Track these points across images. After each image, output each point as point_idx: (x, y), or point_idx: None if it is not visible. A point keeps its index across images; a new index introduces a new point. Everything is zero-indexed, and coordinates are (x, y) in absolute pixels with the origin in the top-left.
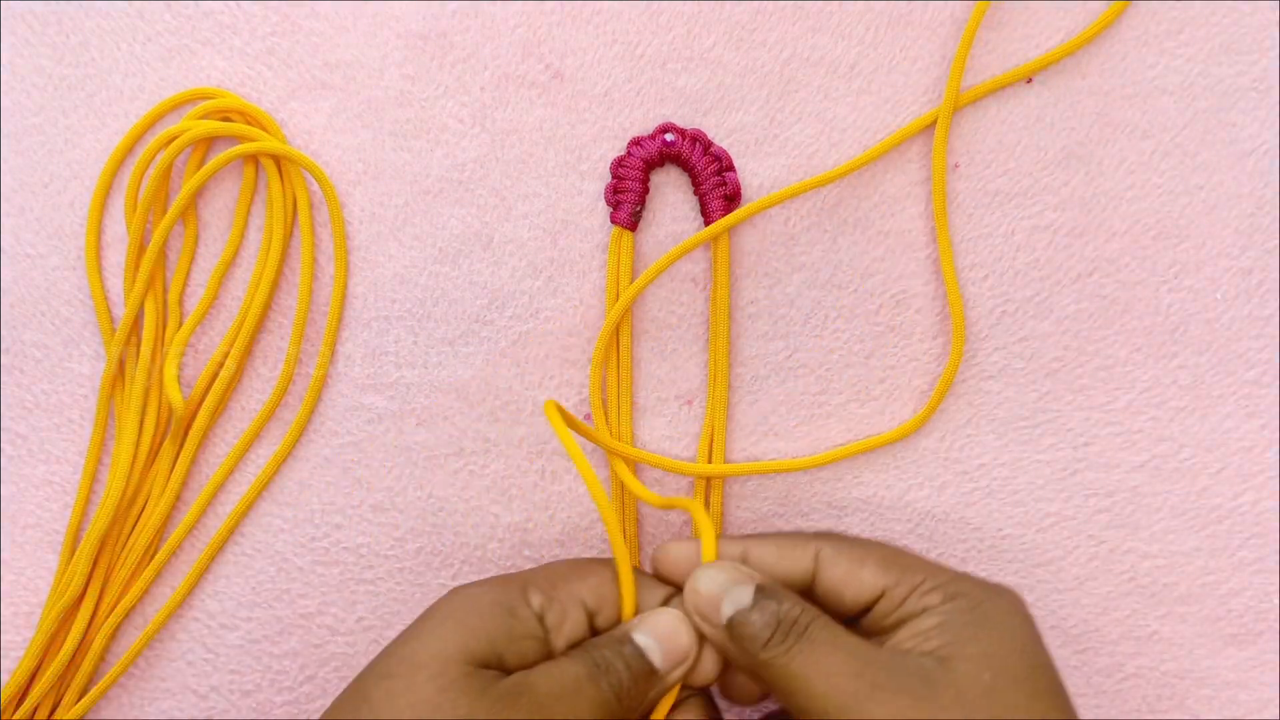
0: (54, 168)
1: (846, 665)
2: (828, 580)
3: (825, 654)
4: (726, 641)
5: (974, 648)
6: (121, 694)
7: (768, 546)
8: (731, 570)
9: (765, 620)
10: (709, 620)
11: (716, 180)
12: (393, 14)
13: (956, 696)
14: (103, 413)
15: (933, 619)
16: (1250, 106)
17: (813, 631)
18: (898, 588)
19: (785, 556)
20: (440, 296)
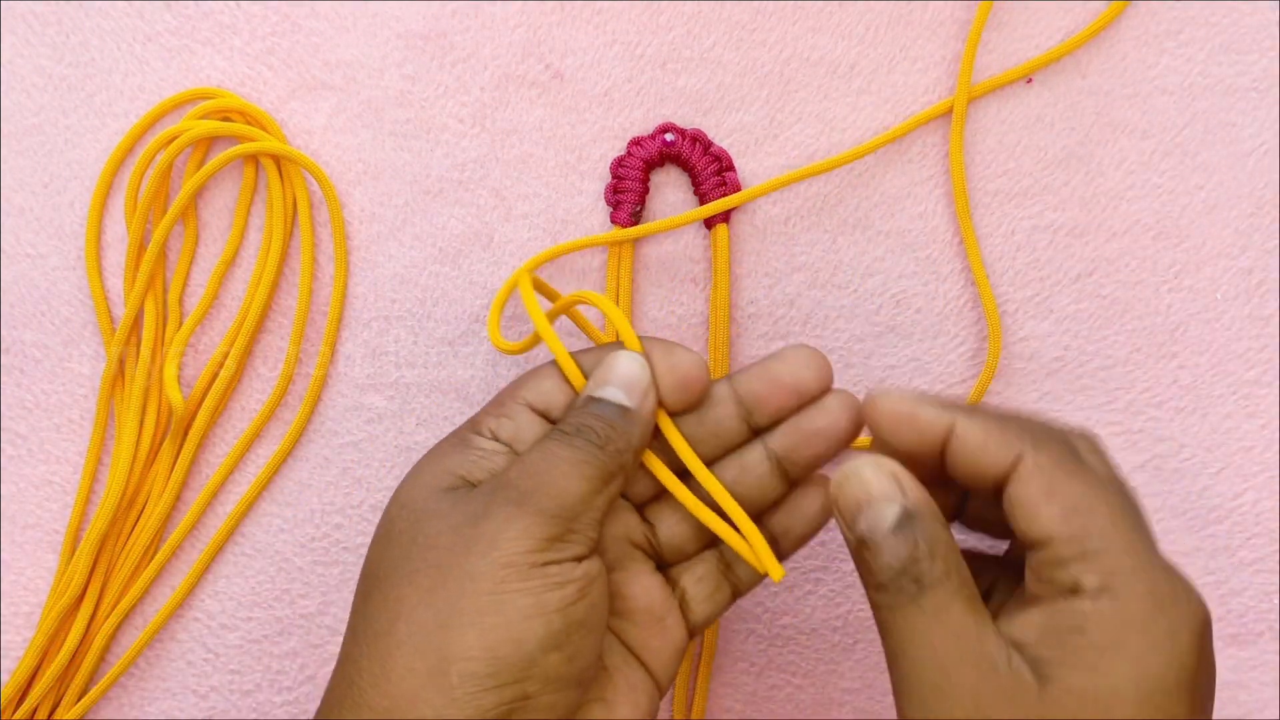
0: (54, 168)
1: (944, 644)
2: (1019, 490)
3: (930, 624)
4: (855, 552)
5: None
6: (121, 694)
7: (974, 429)
8: (888, 480)
9: (893, 558)
10: (848, 523)
11: (716, 180)
12: (393, 14)
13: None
14: (103, 413)
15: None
16: (1250, 106)
17: (929, 595)
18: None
19: (987, 450)
20: (440, 296)
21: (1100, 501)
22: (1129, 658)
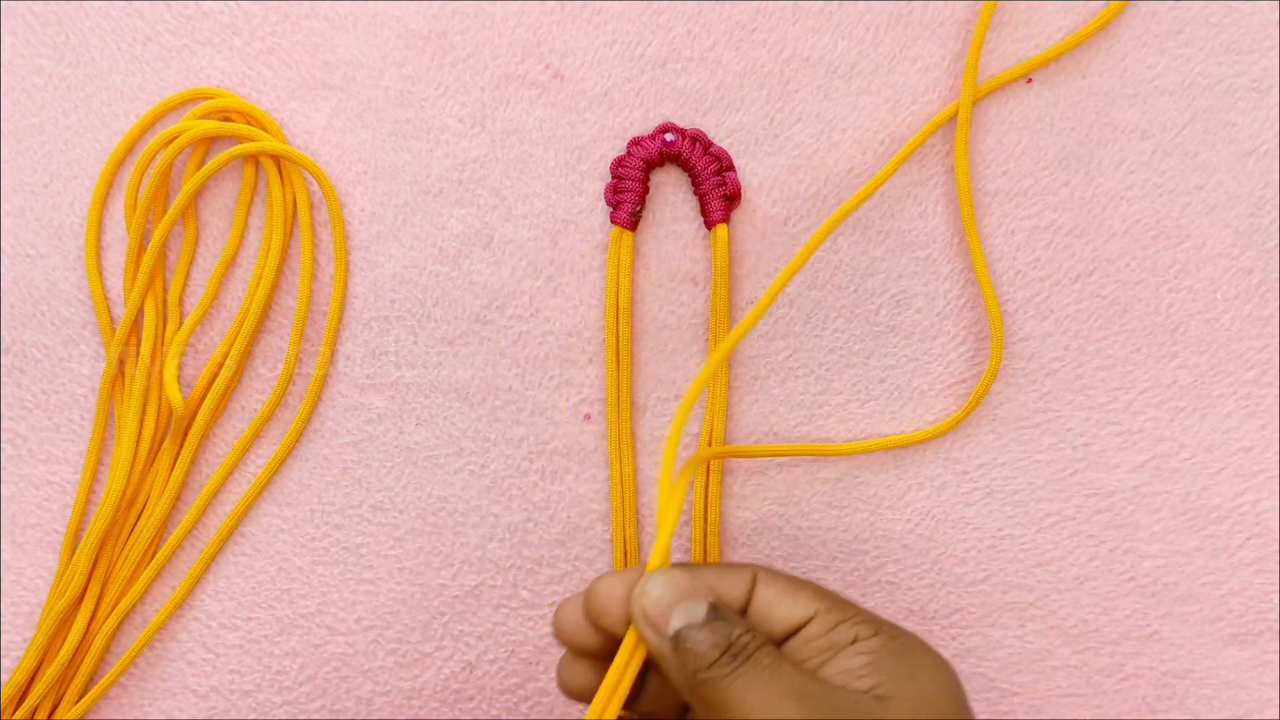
0: (54, 168)
1: (789, 692)
2: (762, 599)
3: (768, 680)
4: (669, 653)
5: (909, 689)
6: (121, 694)
7: (705, 569)
8: (687, 581)
9: (715, 640)
10: (656, 628)
11: (716, 180)
12: (393, 14)
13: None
14: (103, 413)
15: (864, 654)
16: (1250, 106)
17: (759, 657)
18: (830, 613)
19: (724, 578)
20: (440, 296)
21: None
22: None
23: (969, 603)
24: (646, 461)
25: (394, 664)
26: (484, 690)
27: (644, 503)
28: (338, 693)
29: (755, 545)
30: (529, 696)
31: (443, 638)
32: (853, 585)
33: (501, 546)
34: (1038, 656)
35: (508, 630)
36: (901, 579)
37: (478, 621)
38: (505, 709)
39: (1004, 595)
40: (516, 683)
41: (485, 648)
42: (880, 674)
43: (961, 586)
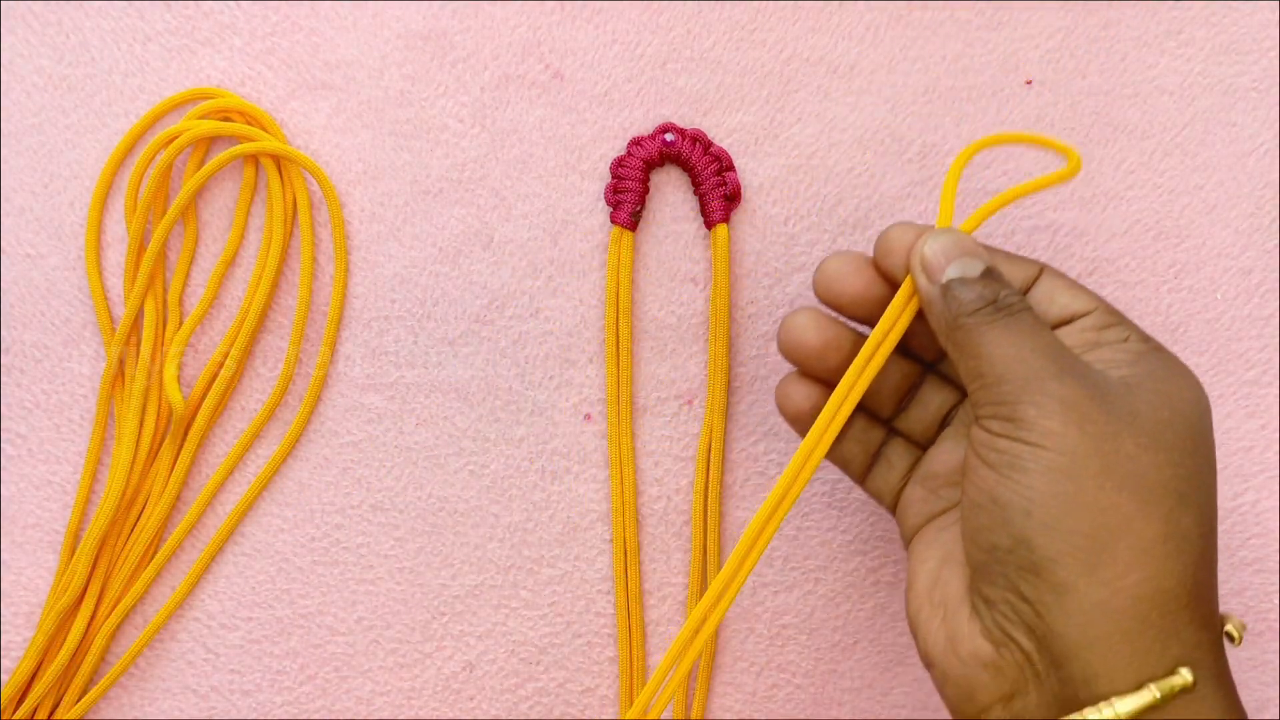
0: (54, 168)
1: (1042, 347)
2: (1044, 287)
3: (1025, 334)
4: (937, 298)
5: (1163, 385)
6: (121, 694)
7: (997, 255)
8: (971, 243)
9: (982, 294)
10: (930, 274)
11: (716, 180)
12: (393, 14)
13: (1132, 413)
14: (103, 413)
15: (1127, 352)
16: (1250, 107)
17: (1021, 317)
18: (1108, 314)
19: (1011, 260)
20: (440, 296)
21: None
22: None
23: None
24: (646, 461)
25: (394, 664)
26: (484, 690)
27: (644, 503)
28: (338, 693)
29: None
30: (529, 696)
31: (443, 638)
32: (853, 585)
33: (501, 546)
34: None
35: (508, 630)
36: (901, 579)
37: (478, 621)
38: (505, 709)
39: None
40: (516, 683)
41: (485, 648)
42: (1138, 369)
43: None
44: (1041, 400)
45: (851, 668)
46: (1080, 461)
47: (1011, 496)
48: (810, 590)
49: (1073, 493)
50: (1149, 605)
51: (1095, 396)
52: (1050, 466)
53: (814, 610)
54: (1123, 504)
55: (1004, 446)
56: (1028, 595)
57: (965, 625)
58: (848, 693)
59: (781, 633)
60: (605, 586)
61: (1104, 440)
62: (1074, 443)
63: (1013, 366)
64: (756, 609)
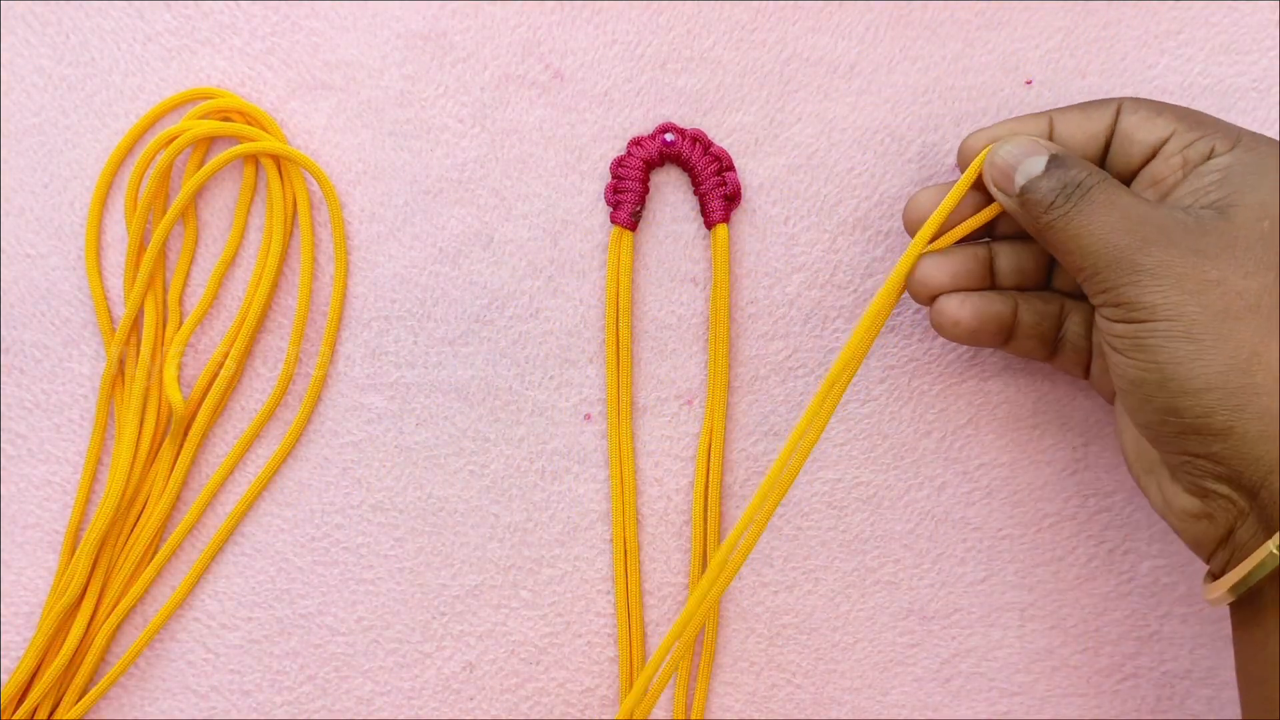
0: (54, 168)
1: (1121, 222)
2: (1125, 126)
3: (1103, 212)
4: (1020, 209)
5: (1254, 195)
6: (121, 694)
7: (1071, 112)
8: (1028, 142)
9: (1052, 185)
10: (1005, 190)
11: (716, 180)
12: (393, 14)
13: (1227, 244)
14: (103, 413)
15: (1217, 169)
16: (1250, 107)
17: (1094, 193)
18: (1188, 131)
19: (1089, 116)
20: (440, 296)
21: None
22: (1275, 171)
23: (969, 603)
24: (646, 461)
25: (394, 664)
26: (484, 690)
27: (644, 502)
28: (338, 693)
29: (756, 547)
30: (529, 696)
31: (443, 638)
32: (853, 585)
33: (501, 546)
34: (1038, 656)
35: (508, 630)
36: (902, 579)
37: (478, 621)
38: (505, 709)
39: (1004, 595)
40: (516, 683)
41: (485, 648)
42: (1228, 187)
43: (962, 586)
44: (1135, 278)
45: (851, 668)
46: (1191, 320)
47: (1143, 374)
48: (810, 590)
49: (1195, 351)
50: None
51: (1186, 250)
52: (1166, 335)
53: (814, 610)
54: (1243, 337)
55: (1121, 330)
56: (1198, 451)
57: (1170, 486)
58: (848, 693)
59: (781, 633)
60: (605, 586)
61: (1206, 289)
62: (1177, 306)
63: (1101, 252)
64: (756, 609)
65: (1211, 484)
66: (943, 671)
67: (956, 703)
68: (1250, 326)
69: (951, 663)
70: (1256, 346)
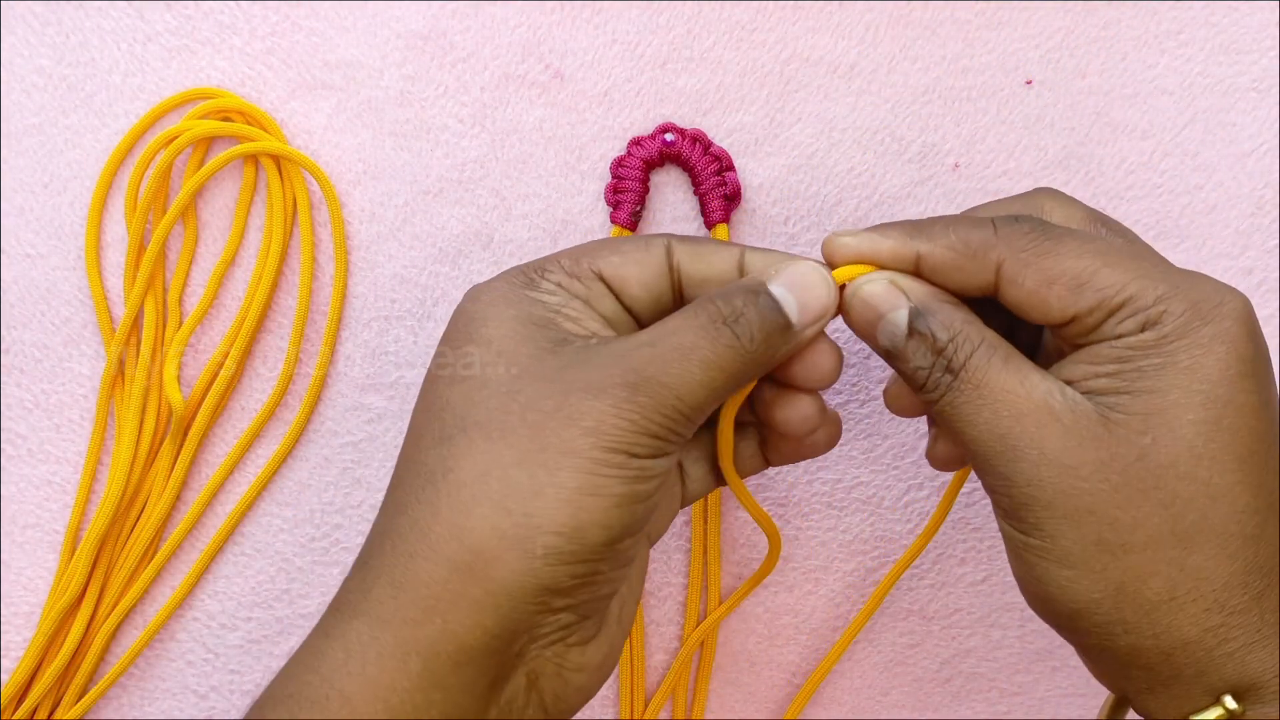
0: (54, 167)
1: (997, 419)
2: (1009, 301)
3: (976, 400)
4: (886, 358)
5: (1142, 402)
6: (121, 694)
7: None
8: (888, 290)
9: (920, 360)
10: (867, 338)
11: (717, 180)
12: (393, 14)
13: (1104, 462)
14: (102, 413)
15: (1113, 354)
16: (1250, 106)
17: (966, 372)
18: (1090, 316)
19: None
20: (440, 296)
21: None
22: (1183, 369)
23: (969, 603)
24: None
25: None
26: None
27: None
28: None
29: (755, 545)
30: None
31: None
32: (852, 586)
33: None
34: (1038, 657)
35: None
36: (902, 579)
37: None
38: None
39: (1004, 595)
40: None
41: None
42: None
43: (962, 587)
44: (1014, 491)
45: (851, 667)
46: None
47: (1023, 582)
48: (810, 590)
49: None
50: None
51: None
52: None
53: (814, 610)
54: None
55: (1006, 532)
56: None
57: None
58: (847, 692)
59: (781, 632)
60: None
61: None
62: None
63: (989, 442)
64: (757, 609)
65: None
66: (943, 672)
67: (956, 703)
68: (1123, 563)
69: (951, 663)
70: (1124, 582)
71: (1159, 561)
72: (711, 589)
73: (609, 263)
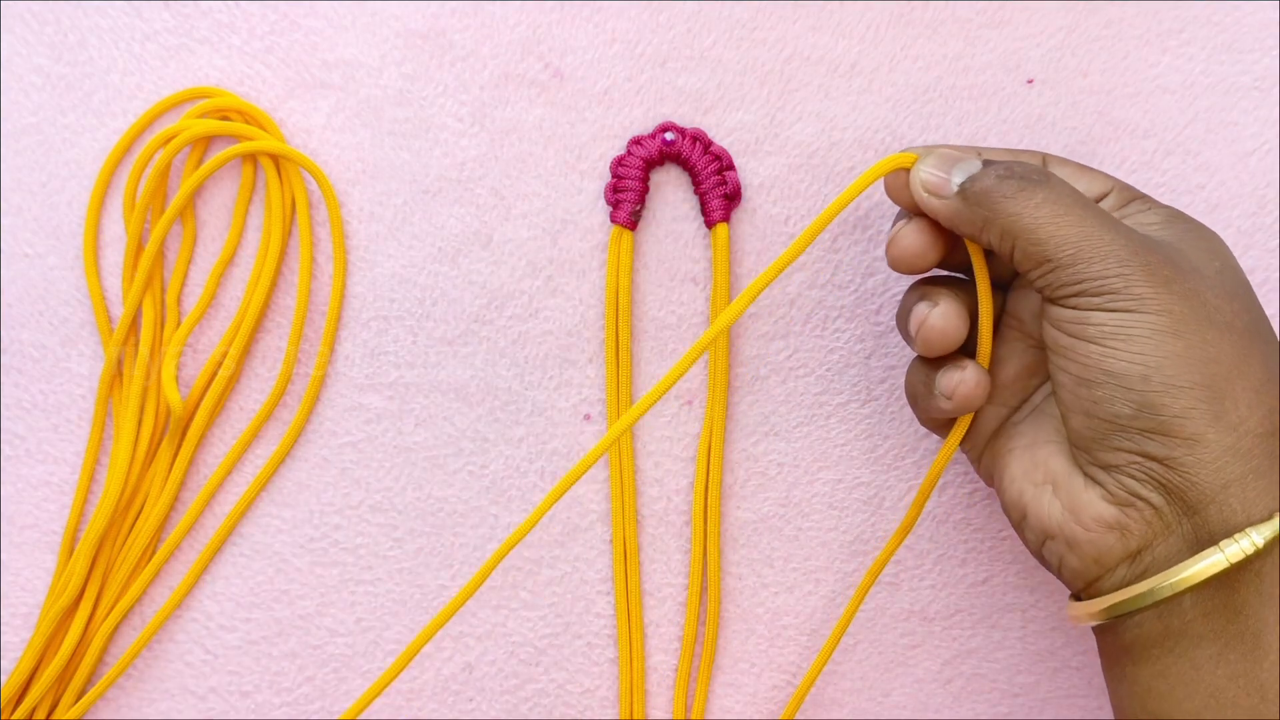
0: (52, 167)
1: (1093, 212)
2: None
3: (1070, 199)
4: (961, 207)
5: (1202, 243)
6: (120, 694)
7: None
8: (955, 150)
9: (1000, 173)
10: (939, 193)
11: (717, 179)
12: (392, 13)
13: (1197, 271)
14: (101, 413)
15: (1158, 216)
16: (1252, 106)
17: (1052, 182)
18: (1125, 191)
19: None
20: (440, 296)
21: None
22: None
23: (970, 604)
24: (646, 462)
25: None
26: (484, 690)
27: (644, 503)
28: (336, 694)
29: (755, 545)
30: (529, 697)
31: (442, 638)
32: (853, 586)
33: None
34: (1040, 657)
35: (508, 630)
36: (902, 580)
37: (477, 623)
38: (505, 710)
39: (1005, 596)
40: (516, 683)
41: (485, 648)
42: (1172, 231)
43: (963, 587)
44: (1123, 269)
45: (851, 668)
46: (1180, 318)
47: (1124, 365)
48: (811, 590)
49: (1183, 349)
50: (1273, 440)
51: (1166, 257)
52: (1155, 328)
53: (814, 610)
54: (1226, 351)
55: (1101, 319)
56: (1157, 454)
57: (1083, 494)
58: (848, 693)
59: (782, 633)
60: (605, 587)
61: (1191, 296)
62: (1169, 302)
63: (1078, 238)
64: (757, 609)
65: (1147, 492)
66: (944, 673)
67: (958, 704)
68: (1229, 341)
69: (953, 664)
70: (1238, 364)
71: (1254, 349)
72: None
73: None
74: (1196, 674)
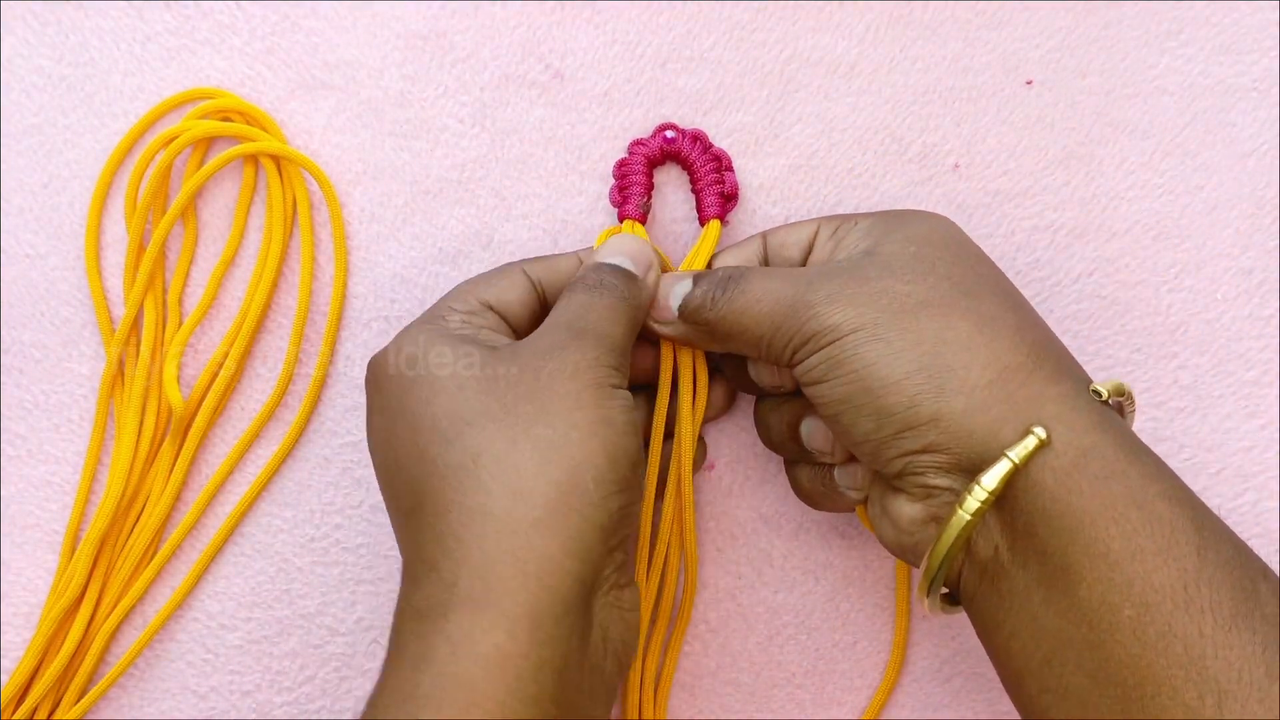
0: (53, 168)
1: (782, 283)
2: (773, 243)
3: (761, 282)
4: (689, 330)
5: (899, 234)
6: (121, 694)
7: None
8: (667, 275)
9: (704, 288)
10: (668, 321)
11: (714, 178)
12: (393, 14)
13: (882, 267)
14: (102, 413)
15: (861, 228)
16: (1251, 107)
17: (748, 275)
18: (830, 221)
19: (737, 255)
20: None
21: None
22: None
23: None
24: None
25: None
26: None
27: None
28: (338, 693)
29: (755, 545)
30: None
31: None
32: (852, 585)
33: None
34: None
35: None
36: (901, 580)
37: None
38: None
39: None
40: None
41: None
42: (873, 236)
43: None
44: (813, 312)
45: (851, 668)
46: (875, 323)
47: (846, 389)
48: (810, 589)
49: (885, 349)
50: (1006, 384)
51: (847, 278)
52: (856, 345)
53: (813, 610)
54: (928, 328)
55: (815, 362)
56: (916, 447)
57: (895, 506)
58: (847, 693)
59: (781, 632)
60: None
61: (879, 296)
62: (859, 316)
63: (774, 311)
64: (756, 608)
65: (934, 478)
66: (943, 671)
67: (957, 703)
68: (926, 317)
69: (952, 662)
70: (940, 332)
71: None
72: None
73: (490, 292)
74: (1036, 623)
